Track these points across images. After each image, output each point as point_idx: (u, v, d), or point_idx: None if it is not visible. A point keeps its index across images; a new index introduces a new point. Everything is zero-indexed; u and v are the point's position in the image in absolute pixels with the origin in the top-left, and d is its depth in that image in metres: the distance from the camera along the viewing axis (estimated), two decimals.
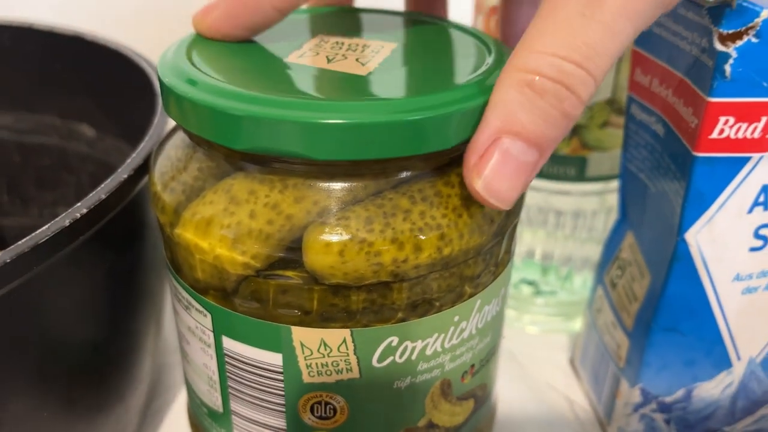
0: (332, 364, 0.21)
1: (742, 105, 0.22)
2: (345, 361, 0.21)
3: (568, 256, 0.36)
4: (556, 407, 0.32)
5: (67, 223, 0.19)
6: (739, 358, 0.27)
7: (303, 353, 0.21)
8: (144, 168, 0.23)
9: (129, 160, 0.23)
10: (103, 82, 0.35)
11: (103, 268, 0.23)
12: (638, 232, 0.28)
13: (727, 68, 0.21)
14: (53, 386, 0.21)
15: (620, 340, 0.29)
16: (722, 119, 0.22)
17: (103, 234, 0.21)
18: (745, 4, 0.21)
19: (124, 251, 0.24)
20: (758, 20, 0.20)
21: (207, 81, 0.19)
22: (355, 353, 0.21)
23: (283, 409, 0.22)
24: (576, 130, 0.32)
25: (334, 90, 0.20)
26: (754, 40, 0.21)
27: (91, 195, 0.21)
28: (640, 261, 0.28)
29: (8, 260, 0.18)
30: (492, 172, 0.18)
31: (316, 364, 0.21)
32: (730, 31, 0.21)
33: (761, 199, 0.24)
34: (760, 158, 0.23)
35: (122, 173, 0.22)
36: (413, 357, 0.21)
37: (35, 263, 0.19)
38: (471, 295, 0.22)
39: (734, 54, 0.21)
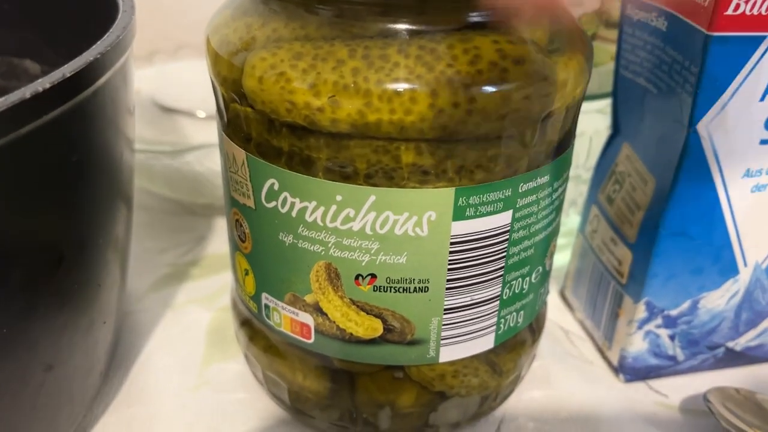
0: (239, 183, 0.22)
1: None
2: (245, 186, 0.22)
3: None
4: (552, 338, 0.31)
5: (28, 95, 0.17)
6: (745, 264, 0.26)
7: (227, 166, 0.23)
8: (115, 53, 0.20)
9: (98, 43, 0.20)
10: (51, 12, 0.32)
11: (64, 157, 0.20)
12: (635, 142, 0.27)
13: None
14: (12, 289, 0.18)
15: (622, 256, 0.28)
16: None
17: (67, 118, 0.19)
18: None
19: (90, 145, 0.21)
20: None
21: None
22: (249, 180, 0.21)
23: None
24: None
25: None
26: None
27: (54, 72, 0.18)
28: (641, 169, 0.27)
29: None
30: None
31: (233, 179, 0.22)
32: None
33: None
34: None
35: (89, 55, 0.19)
36: (293, 213, 0.21)
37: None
38: (370, 185, 0.20)
39: None
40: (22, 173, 0.18)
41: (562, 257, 0.35)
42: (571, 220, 0.36)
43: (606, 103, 0.32)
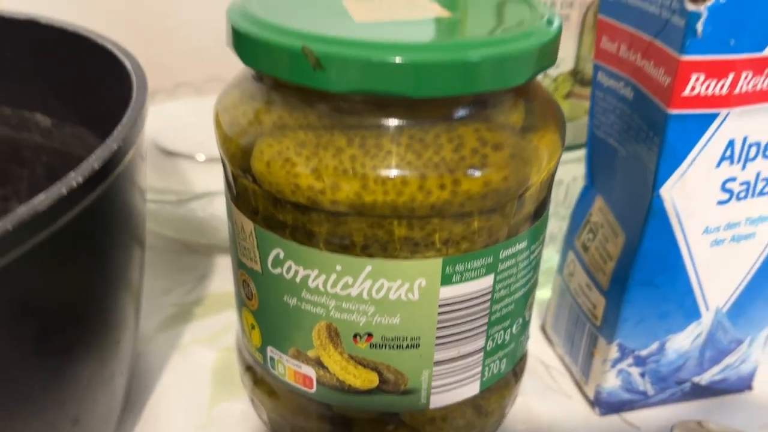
0: (247, 249, 0.24)
1: (712, 62, 0.23)
2: (253, 252, 0.24)
3: None
4: (533, 373, 0.33)
5: (64, 191, 0.19)
6: (707, 309, 0.29)
7: (236, 233, 0.25)
8: (132, 139, 0.23)
9: (117, 131, 0.22)
10: (60, 67, 0.34)
11: (92, 247, 0.22)
12: (608, 196, 0.30)
13: (699, 27, 0.22)
14: (47, 355, 0.20)
15: (596, 300, 0.30)
16: (694, 76, 0.23)
17: (95, 206, 0.21)
18: None
19: (111, 234, 0.23)
20: None
21: (289, 27, 0.21)
22: (257, 248, 0.24)
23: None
24: None
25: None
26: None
27: (82, 165, 0.20)
28: (612, 222, 0.29)
29: (9, 228, 0.17)
30: None
31: (241, 245, 0.25)
32: None
33: (728, 153, 0.25)
34: (727, 114, 0.24)
35: (111, 143, 0.21)
36: (297, 279, 0.23)
37: (35, 232, 0.18)
38: (367, 256, 0.22)
39: (705, 13, 0.22)
40: (56, 254, 0.20)
41: (543, 293, 0.38)
42: (551, 256, 0.38)
43: (582, 153, 0.34)
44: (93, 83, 0.32)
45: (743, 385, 0.32)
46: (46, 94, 0.35)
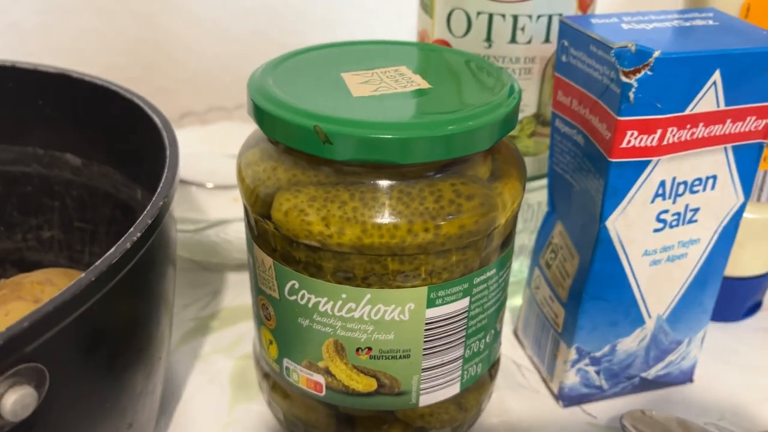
0: (266, 279, 0.29)
1: (643, 121, 0.29)
2: (272, 282, 0.29)
3: None
4: (506, 371, 0.39)
5: (128, 245, 0.24)
6: (650, 316, 0.34)
7: (256, 265, 0.30)
8: (173, 191, 0.28)
9: (160, 189, 0.27)
10: (89, 115, 0.38)
11: (146, 281, 0.27)
12: (566, 222, 0.35)
13: (631, 95, 0.28)
14: (113, 373, 0.26)
15: (557, 311, 0.36)
16: (629, 133, 0.29)
17: (146, 254, 0.26)
18: (640, 47, 0.27)
19: (157, 268, 0.28)
20: (651, 59, 0.27)
21: (305, 108, 0.26)
22: (275, 279, 0.29)
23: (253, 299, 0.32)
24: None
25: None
26: (649, 73, 0.27)
27: (138, 221, 0.25)
28: (569, 245, 0.35)
29: (93, 279, 0.22)
30: None
31: (261, 276, 0.29)
32: (632, 68, 0.27)
33: (660, 191, 0.31)
34: (658, 161, 0.30)
35: (158, 200, 0.26)
36: (309, 305, 0.28)
37: (109, 279, 0.23)
38: (366, 286, 0.27)
39: (635, 84, 0.28)
40: (121, 292, 0.25)
41: (515, 300, 0.43)
42: (522, 268, 0.44)
43: (545, 182, 0.40)
44: (120, 131, 0.37)
45: (685, 378, 0.38)
46: (77, 138, 0.39)
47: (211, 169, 0.48)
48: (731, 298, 0.42)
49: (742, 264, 0.41)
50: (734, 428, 0.36)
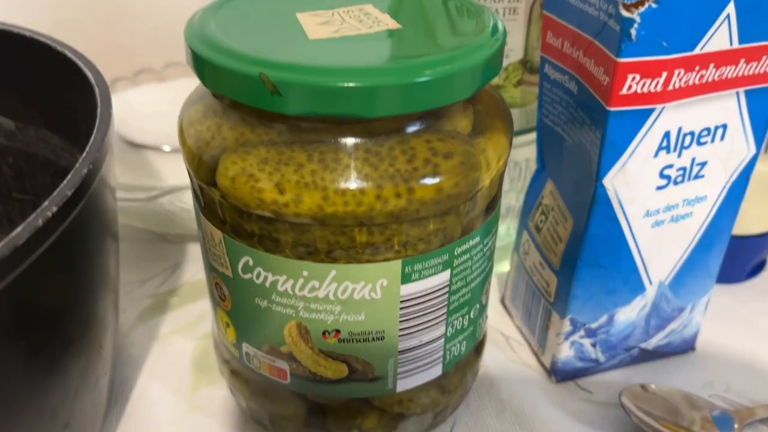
0: (217, 256, 0.26)
1: (646, 63, 0.25)
2: (223, 259, 0.25)
3: None
4: (494, 344, 0.36)
5: (40, 222, 0.20)
6: (651, 283, 0.31)
7: (205, 239, 0.26)
8: (100, 160, 0.24)
9: (85, 154, 0.23)
10: (19, 72, 0.34)
11: (73, 261, 0.23)
12: (557, 180, 0.31)
13: (633, 31, 0.24)
14: (37, 368, 0.22)
15: (549, 279, 0.32)
16: (630, 77, 0.25)
17: (70, 229, 0.22)
18: None
19: (89, 244, 0.24)
20: None
21: (247, 53, 0.22)
22: (227, 255, 0.25)
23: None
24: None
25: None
26: (653, 5, 0.23)
27: (56, 192, 0.21)
28: (561, 206, 0.31)
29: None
30: None
31: (211, 251, 0.26)
32: (633, 1, 0.23)
33: (664, 143, 0.27)
34: (662, 108, 0.26)
35: (82, 167, 0.22)
36: (267, 284, 0.25)
37: (16, 264, 0.19)
38: (331, 261, 0.23)
39: (638, 19, 0.24)
40: (40, 275, 0.21)
41: (502, 267, 0.40)
42: (509, 231, 0.40)
43: (534, 136, 0.36)
44: (54, 89, 0.33)
45: (687, 346, 0.35)
46: (9, 99, 0.35)
47: (168, 131, 0.44)
48: (734, 258, 0.39)
49: (746, 221, 0.38)
50: (741, 400, 0.33)
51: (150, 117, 0.45)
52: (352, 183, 0.22)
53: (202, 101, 0.25)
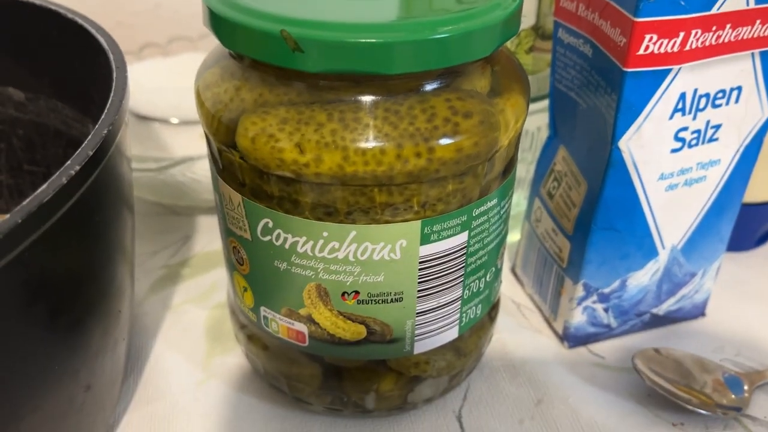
0: (236, 219, 0.26)
1: (664, 23, 0.25)
2: (242, 222, 0.25)
3: None
4: (506, 311, 0.36)
5: (64, 181, 0.20)
6: (663, 248, 0.31)
7: (223, 203, 0.26)
8: (120, 120, 0.24)
9: (104, 116, 0.23)
10: (29, 41, 0.34)
11: (92, 226, 0.23)
12: (570, 146, 0.32)
13: None
14: (59, 330, 0.22)
15: (562, 244, 0.32)
16: (647, 37, 0.25)
17: (91, 191, 0.22)
18: None
19: (106, 210, 0.24)
20: None
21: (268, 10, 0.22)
22: (246, 218, 0.25)
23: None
24: None
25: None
26: None
27: (77, 153, 0.21)
28: (575, 171, 0.31)
29: (19, 221, 0.18)
30: None
31: (229, 215, 0.26)
32: None
33: (679, 105, 0.27)
34: (679, 69, 0.26)
35: (101, 128, 0.22)
36: (286, 246, 0.24)
37: (42, 221, 0.19)
38: (351, 222, 0.23)
39: None
40: (61, 236, 0.21)
41: (512, 236, 0.40)
42: (519, 201, 0.40)
43: (545, 104, 0.36)
44: (65, 58, 0.32)
45: (697, 312, 0.35)
46: (18, 70, 0.35)
47: (175, 103, 0.44)
48: (743, 226, 0.39)
49: (755, 189, 0.38)
50: (752, 363, 0.33)
51: (156, 91, 0.45)
52: (372, 142, 0.22)
53: (219, 64, 0.25)
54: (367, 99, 0.22)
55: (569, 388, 0.32)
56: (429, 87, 0.23)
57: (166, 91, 0.44)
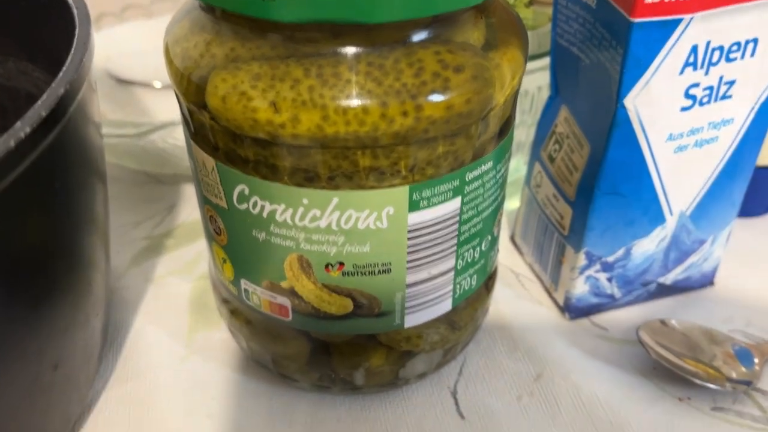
0: (211, 186, 0.24)
1: None
2: (217, 188, 0.24)
3: None
4: (504, 282, 0.34)
5: (12, 144, 0.18)
6: (671, 213, 0.29)
7: (197, 169, 0.24)
8: (80, 79, 0.22)
9: (62, 74, 0.21)
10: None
11: (54, 194, 0.21)
12: (572, 105, 0.29)
13: None
14: (18, 305, 0.20)
15: (563, 211, 0.30)
16: None
17: (47, 157, 0.20)
18: None
19: (71, 177, 0.23)
20: None
21: None
22: (220, 184, 0.23)
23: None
24: None
25: None
26: None
27: (29, 112, 0.19)
28: (577, 132, 0.29)
29: None
30: None
31: (204, 181, 0.24)
32: None
33: (691, 59, 0.25)
34: (691, 19, 0.24)
35: (58, 88, 0.20)
36: (264, 214, 0.23)
37: None
38: (333, 188, 0.22)
39: None
40: (17, 203, 0.19)
41: (511, 203, 0.38)
42: (519, 166, 0.38)
43: (546, 61, 0.34)
44: (34, 17, 0.30)
45: (706, 281, 0.34)
46: None
47: (159, 67, 0.41)
48: (756, 190, 0.37)
49: (767, 151, 0.36)
50: (762, 334, 0.31)
51: (138, 54, 0.43)
52: (354, 100, 0.20)
53: (188, 16, 0.23)
54: (347, 52, 0.20)
55: (570, 361, 0.30)
56: (416, 38, 0.21)
57: (148, 54, 0.42)
